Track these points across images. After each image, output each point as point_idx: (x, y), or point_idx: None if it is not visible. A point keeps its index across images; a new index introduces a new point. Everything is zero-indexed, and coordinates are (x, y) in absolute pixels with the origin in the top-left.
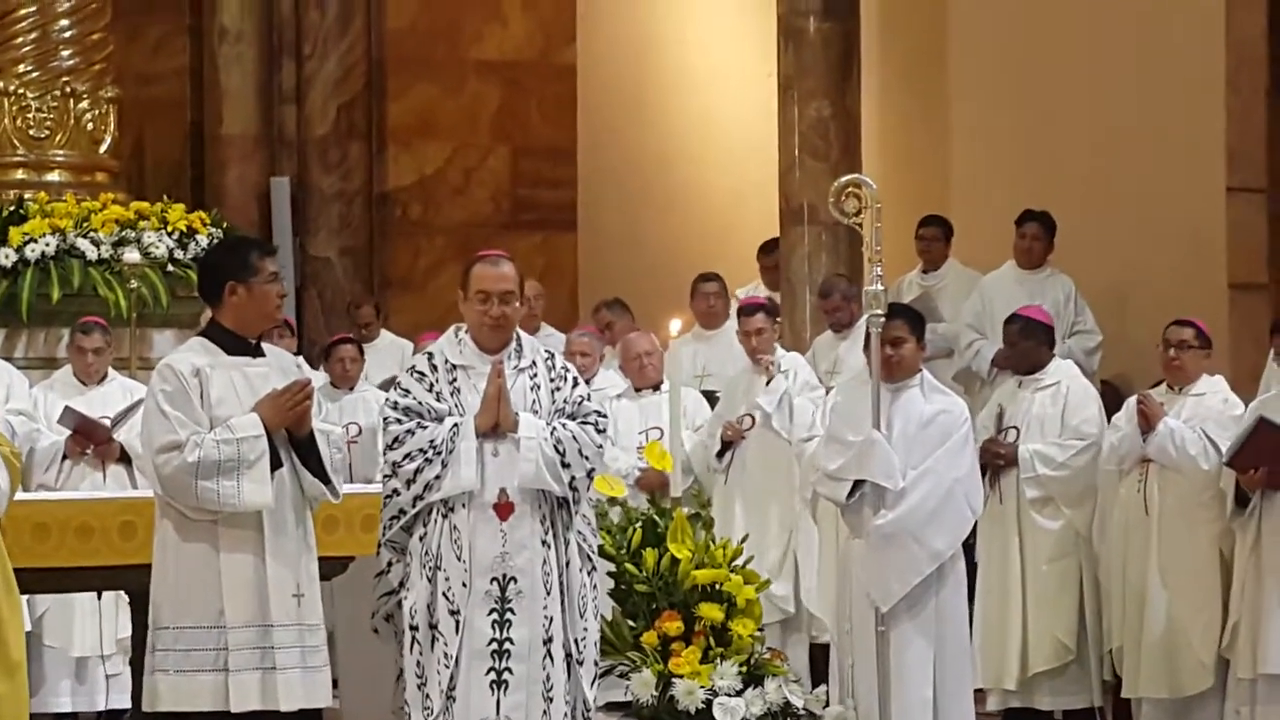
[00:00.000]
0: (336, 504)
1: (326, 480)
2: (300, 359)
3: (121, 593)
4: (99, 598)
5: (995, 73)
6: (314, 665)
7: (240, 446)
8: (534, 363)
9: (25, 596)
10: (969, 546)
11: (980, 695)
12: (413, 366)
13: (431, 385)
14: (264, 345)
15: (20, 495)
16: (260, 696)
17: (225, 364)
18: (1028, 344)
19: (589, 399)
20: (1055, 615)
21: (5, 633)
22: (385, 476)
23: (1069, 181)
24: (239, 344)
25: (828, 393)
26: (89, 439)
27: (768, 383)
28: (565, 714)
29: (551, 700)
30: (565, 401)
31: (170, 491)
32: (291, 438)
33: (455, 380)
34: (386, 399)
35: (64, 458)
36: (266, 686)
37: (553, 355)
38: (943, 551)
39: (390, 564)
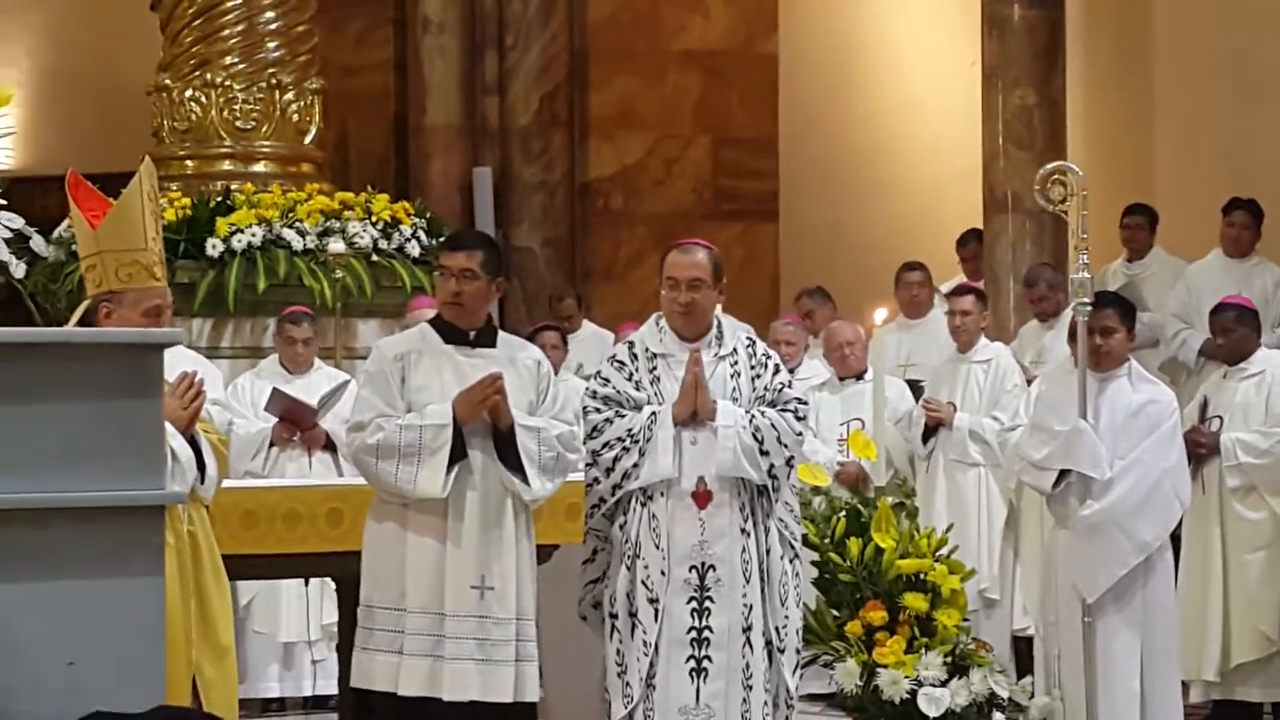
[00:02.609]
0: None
1: (523, 476)
2: (539, 351)
3: (328, 579)
4: (306, 584)
5: (1201, 59)
6: (498, 659)
7: (423, 433)
8: (734, 350)
9: (233, 583)
10: (1175, 538)
11: (1183, 687)
12: (613, 355)
13: (631, 374)
14: (503, 336)
15: (229, 483)
16: (427, 683)
17: (436, 351)
18: (1244, 331)
19: (789, 386)
20: (1258, 606)
21: (214, 618)
22: (586, 465)
23: (1276, 168)
24: (455, 333)
25: (1029, 384)
26: (296, 424)
27: (935, 427)
28: (765, 702)
29: (751, 688)
30: (765, 389)
31: (357, 469)
32: (496, 430)
33: (655, 369)
34: (586, 388)
35: (271, 445)
36: (434, 674)
37: (754, 342)
38: (1150, 543)
39: (596, 552)
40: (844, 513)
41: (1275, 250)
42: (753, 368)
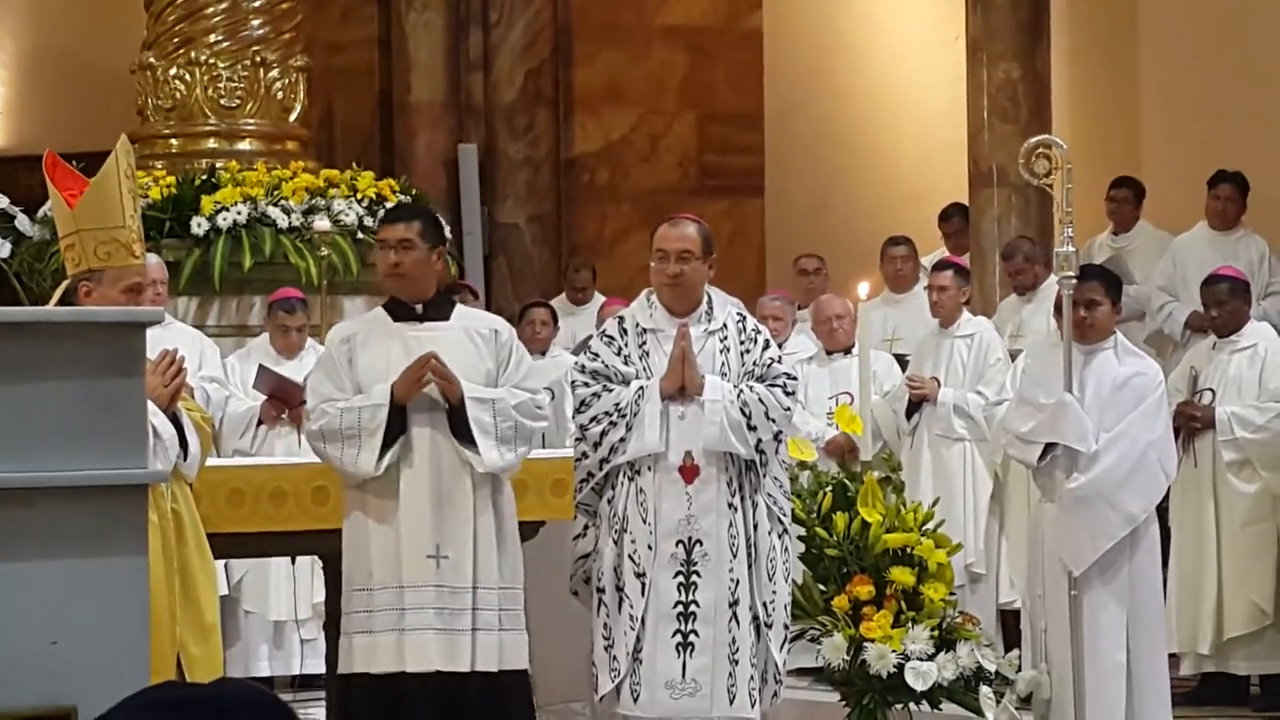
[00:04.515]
0: (514, 468)
1: (475, 448)
2: (500, 320)
3: (316, 557)
4: (293, 563)
5: (1186, 32)
6: (455, 628)
7: (361, 415)
8: (724, 325)
9: (221, 561)
10: (1162, 511)
11: (1174, 660)
12: (603, 330)
13: (620, 349)
14: (460, 309)
15: (215, 461)
16: (394, 658)
17: (386, 330)
18: (1236, 303)
19: (779, 361)
20: (1251, 579)
21: (199, 597)
22: (575, 440)
23: (1261, 141)
24: (403, 309)
25: (1013, 359)
26: (284, 401)
27: (919, 403)
28: (751, 676)
29: (737, 663)
30: (755, 364)
31: (316, 454)
32: (450, 403)
33: (645, 344)
34: (575, 363)
35: (259, 423)
36: (399, 647)
37: (744, 317)
38: (1136, 515)
39: (586, 527)
40: (830, 487)
41: (1261, 223)
42: (742, 343)
